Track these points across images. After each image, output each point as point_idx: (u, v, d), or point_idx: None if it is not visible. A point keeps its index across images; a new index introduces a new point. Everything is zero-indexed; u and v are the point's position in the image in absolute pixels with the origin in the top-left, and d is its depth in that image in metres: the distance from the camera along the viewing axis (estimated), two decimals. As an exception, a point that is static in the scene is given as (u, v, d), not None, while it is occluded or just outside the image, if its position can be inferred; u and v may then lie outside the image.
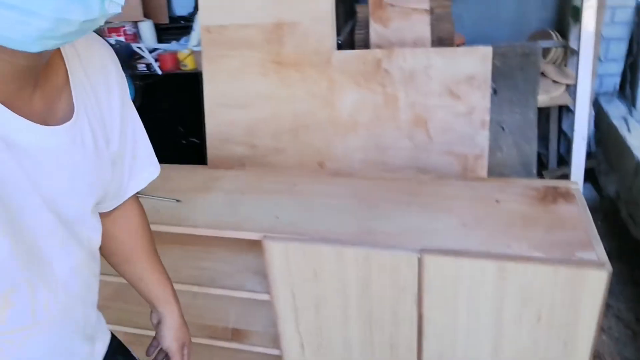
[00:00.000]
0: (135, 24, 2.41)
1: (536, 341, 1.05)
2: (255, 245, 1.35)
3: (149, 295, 0.79)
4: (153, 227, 1.03)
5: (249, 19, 1.86)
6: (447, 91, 1.74)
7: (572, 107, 2.26)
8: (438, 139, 1.78)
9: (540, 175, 2.33)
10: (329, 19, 1.82)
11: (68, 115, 0.55)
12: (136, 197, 0.77)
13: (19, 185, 0.49)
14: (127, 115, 0.65)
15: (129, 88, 0.67)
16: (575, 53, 2.29)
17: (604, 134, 2.23)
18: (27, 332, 0.53)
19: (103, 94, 0.60)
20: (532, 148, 2.09)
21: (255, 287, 1.28)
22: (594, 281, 0.94)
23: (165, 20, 2.55)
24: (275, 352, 1.34)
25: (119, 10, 0.45)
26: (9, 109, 0.47)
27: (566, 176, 2.13)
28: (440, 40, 2.17)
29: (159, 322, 0.80)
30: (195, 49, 2.19)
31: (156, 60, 2.22)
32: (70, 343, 0.60)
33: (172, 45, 2.31)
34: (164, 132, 2.36)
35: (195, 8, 2.68)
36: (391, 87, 1.80)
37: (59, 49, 0.55)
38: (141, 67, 2.21)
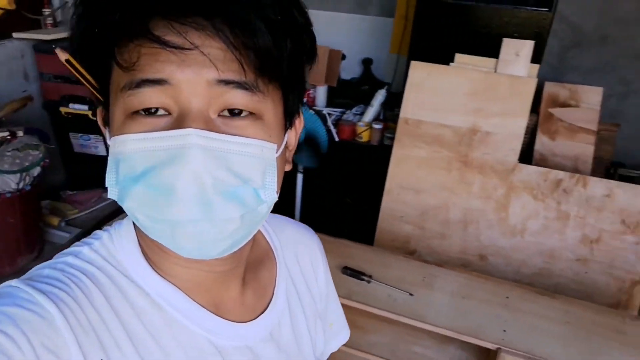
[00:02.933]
0: (314, 87, 2.69)
1: None
2: (465, 344, 1.57)
3: None
4: (390, 315, 1.20)
5: (446, 120, 2.10)
6: (620, 220, 1.93)
7: None
8: (600, 259, 1.98)
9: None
10: (520, 136, 2.05)
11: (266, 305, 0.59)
12: None
13: None
14: (330, 289, 0.73)
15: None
16: None
17: None
18: None
19: (311, 274, 0.67)
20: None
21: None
22: None
23: (334, 83, 2.83)
24: None
25: (275, 196, 0.47)
26: (217, 314, 0.52)
27: None
28: (599, 159, 2.37)
29: None
30: (375, 125, 2.46)
31: (335, 126, 2.50)
32: None
33: (349, 116, 2.58)
34: (324, 189, 2.63)
35: (363, 75, 2.96)
36: (566, 205, 2.00)
37: (269, 245, 0.62)
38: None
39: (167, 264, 0.51)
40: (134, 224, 0.53)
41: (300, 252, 0.67)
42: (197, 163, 0.41)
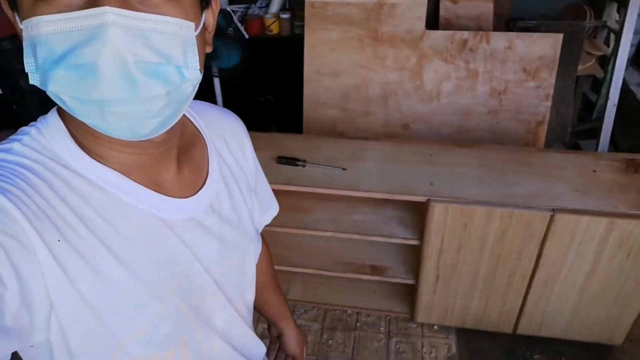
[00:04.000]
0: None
1: (622, 270, 1.52)
2: (399, 204, 1.72)
3: (270, 314, 0.94)
4: (328, 191, 1.32)
5: (351, -2, 2.09)
6: (521, 69, 2.09)
7: (598, 76, 2.68)
8: (508, 107, 2.16)
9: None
10: (424, 3, 2.09)
11: (203, 181, 0.62)
12: (262, 234, 0.85)
13: (183, 256, 0.57)
14: (257, 167, 0.77)
15: (237, 55, 0.72)
16: (607, 28, 2.67)
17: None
18: None
19: (239, 153, 0.71)
20: (568, 111, 2.51)
21: (398, 233, 1.67)
22: (675, 231, 1.39)
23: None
24: (410, 281, 1.76)
25: (199, 74, 0.48)
26: (158, 192, 0.55)
27: (592, 131, 2.59)
28: (498, 15, 2.47)
29: (279, 335, 0.96)
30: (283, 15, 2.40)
31: (242, 23, 2.41)
32: None
33: (254, 10, 2.49)
34: (243, 90, 2.60)
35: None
36: (473, 63, 2.12)
37: (196, 128, 0.65)
38: (228, 31, 2.40)
39: (101, 149, 0.51)
40: (60, 114, 0.52)
41: (226, 132, 0.70)
42: (117, 41, 0.41)
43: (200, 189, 0.61)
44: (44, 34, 0.42)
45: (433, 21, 2.29)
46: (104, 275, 0.49)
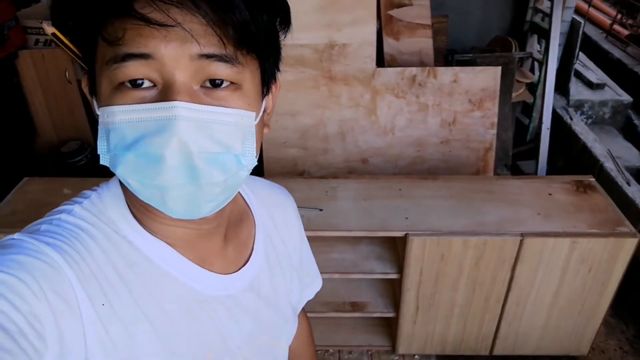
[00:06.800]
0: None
1: (584, 284, 1.64)
2: (374, 239, 1.76)
3: None
4: (309, 233, 1.35)
5: (303, 40, 2.15)
6: (467, 100, 2.23)
7: (528, 101, 2.91)
8: (458, 136, 2.29)
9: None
10: (373, 42, 2.18)
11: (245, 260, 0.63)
12: (304, 309, 0.84)
13: (216, 334, 0.57)
14: (304, 243, 0.78)
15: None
16: (532, 58, 2.92)
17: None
18: None
19: (285, 230, 0.71)
20: (508, 136, 2.70)
21: (378, 269, 1.70)
22: (629, 244, 1.53)
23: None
24: (390, 314, 1.78)
25: (255, 162, 0.50)
26: (203, 266, 0.56)
27: (528, 152, 2.79)
28: (437, 49, 2.63)
29: None
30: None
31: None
32: None
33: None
34: None
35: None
36: (423, 97, 2.24)
37: (246, 204, 0.66)
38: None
39: (155, 223, 0.54)
40: (121, 186, 0.55)
41: (275, 208, 0.71)
42: (183, 133, 0.44)
43: (243, 266, 0.62)
44: (117, 122, 0.45)
45: (378, 58, 2.39)
46: (137, 343, 0.50)
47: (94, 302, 0.48)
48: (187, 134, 0.44)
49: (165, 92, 0.44)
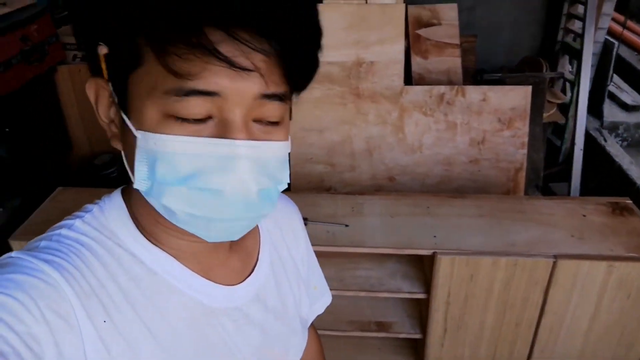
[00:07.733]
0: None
1: (622, 311, 1.56)
2: (401, 257, 1.72)
3: None
4: (334, 249, 1.30)
5: (331, 57, 2.16)
6: (497, 119, 2.20)
7: (560, 122, 2.85)
8: (488, 156, 2.25)
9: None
10: (401, 60, 2.18)
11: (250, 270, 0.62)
12: (313, 324, 0.84)
13: (223, 347, 0.56)
14: (311, 255, 0.77)
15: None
16: (563, 78, 2.87)
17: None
18: None
19: (292, 241, 0.71)
20: (539, 157, 2.64)
21: (404, 288, 1.66)
22: (670, 270, 1.46)
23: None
24: (416, 336, 1.73)
25: (275, 204, 0.50)
26: (207, 278, 0.55)
27: (560, 174, 2.72)
28: (465, 68, 2.62)
29: None
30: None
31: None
32: None
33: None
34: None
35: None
36: (451, 115, 2.21)
37: None
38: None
39: (162, 234, 0.53)
40: (124, 198, 0.55)
41: (282, 221, 0.71)
42: (245, 172, 0.45)
43: (248, 276, 0.61)
44: (169, 152, 0.44)
45: (406, 76, 2.39)
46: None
47: (95, 320, 0.46)
48: (248, 173, 0.45)
49: (224, 128, 0.44)
